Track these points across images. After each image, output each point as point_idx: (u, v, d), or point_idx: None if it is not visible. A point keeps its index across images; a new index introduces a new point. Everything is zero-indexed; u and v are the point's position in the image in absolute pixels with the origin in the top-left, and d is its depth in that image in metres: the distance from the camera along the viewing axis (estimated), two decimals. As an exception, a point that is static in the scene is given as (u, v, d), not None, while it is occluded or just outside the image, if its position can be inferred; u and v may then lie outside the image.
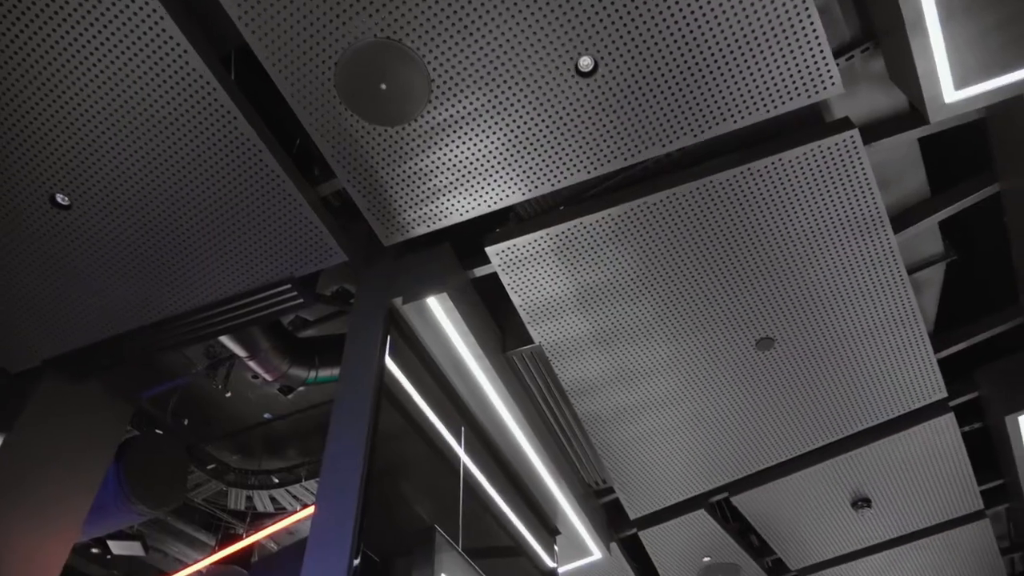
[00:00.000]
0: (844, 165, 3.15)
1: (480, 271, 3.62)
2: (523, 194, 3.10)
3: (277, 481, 6.26)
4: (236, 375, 5.00)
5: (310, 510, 5.57)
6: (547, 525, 4.68)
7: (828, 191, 3.23)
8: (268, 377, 4.46)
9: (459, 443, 3.65)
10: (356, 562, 2.47)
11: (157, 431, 5.14)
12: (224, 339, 4.10)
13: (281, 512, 6.47)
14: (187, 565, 6.52)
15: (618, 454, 4.54)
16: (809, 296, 3.66)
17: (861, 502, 5.11)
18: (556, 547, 4.75)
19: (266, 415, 5.63)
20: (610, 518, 5.34)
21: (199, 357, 4.84)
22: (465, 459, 3.67)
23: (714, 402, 4.23)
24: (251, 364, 4.31)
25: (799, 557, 5.82)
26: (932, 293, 4.14)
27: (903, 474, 4.90)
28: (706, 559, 5.74)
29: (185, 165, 2.93)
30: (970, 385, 4.55)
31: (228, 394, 5.09)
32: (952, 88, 2.75)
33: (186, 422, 5.45)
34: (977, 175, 3.58)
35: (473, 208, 3.15)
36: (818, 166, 3.14)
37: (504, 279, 3.52)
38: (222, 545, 6.27)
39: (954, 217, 3.66)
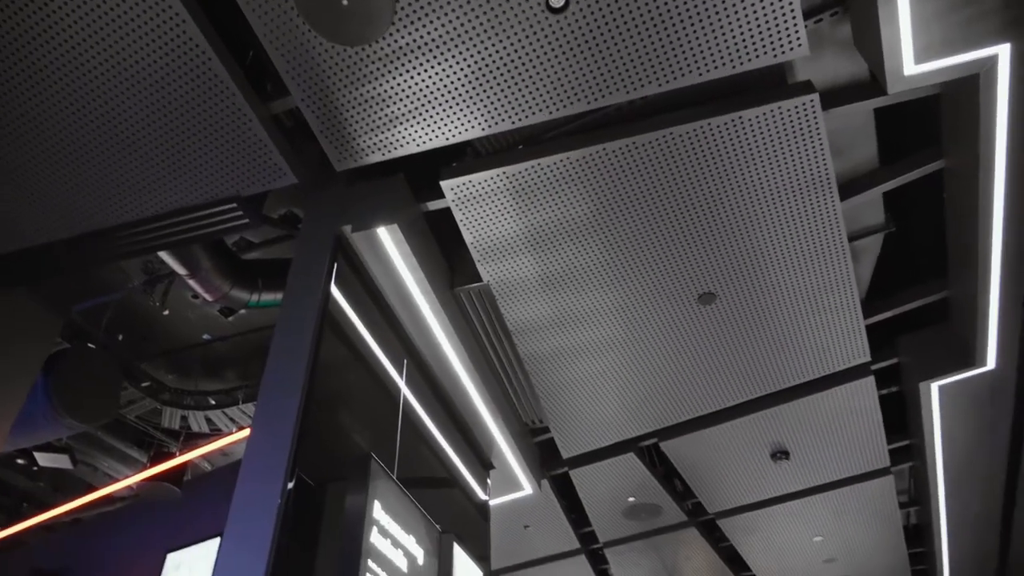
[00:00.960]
0: (801, 129, 3.19)
1: (433, 205, 3.57)
2: (483, 129, 3.04)
3: (214, 403, 6.19)
4: (176, 294, 4.87)
5: (246, 432, 5.55)
6: (482, 459, 4.80)
7: (783, 153, 3.28)
8: (208, 297, 4.35)
9: (401, 376, 3.67)
10: (290, 486, 2.49)
11: (89, 345, 4.98)
12: (164, 255, 3.96)
13: (217, 433, 6.43)
14: (117, 480, 6.46)
15: (556, 395, 4.65)
16: (753, 255, 3.76)
17: (780, 454, 5.40)
18: (489, 481, 4.89)
19: (205, 336, 5.52)
20: (543, 456, 5.52)
21: (137, 272, 4.68)
22: (406, 391, 3.70)
23: (653, 351, 4.35)
24: (191, 283, 4.19)
25: (718, 502, 6.14)
26: (868, 261, 4.30)
27: (821, 430, 5.19)
28: (631, 499, 6.01)
29: (130, 67, 2.76)
30: (892, 351, 4.79)
31: (166, 312, 4.96)
32: (912, 61, 2.79)
33: (120, 338, 5.30)
34: (924, 150, 3.68)
35: (430, 139, 3.08)
36: (776, 127, 3.17)
37: (457, 215, 3.49)
38: (154, 463, 6.21)
39: (898, 189, 3.78)
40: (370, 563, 2.47)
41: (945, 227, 3.94)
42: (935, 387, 4.51)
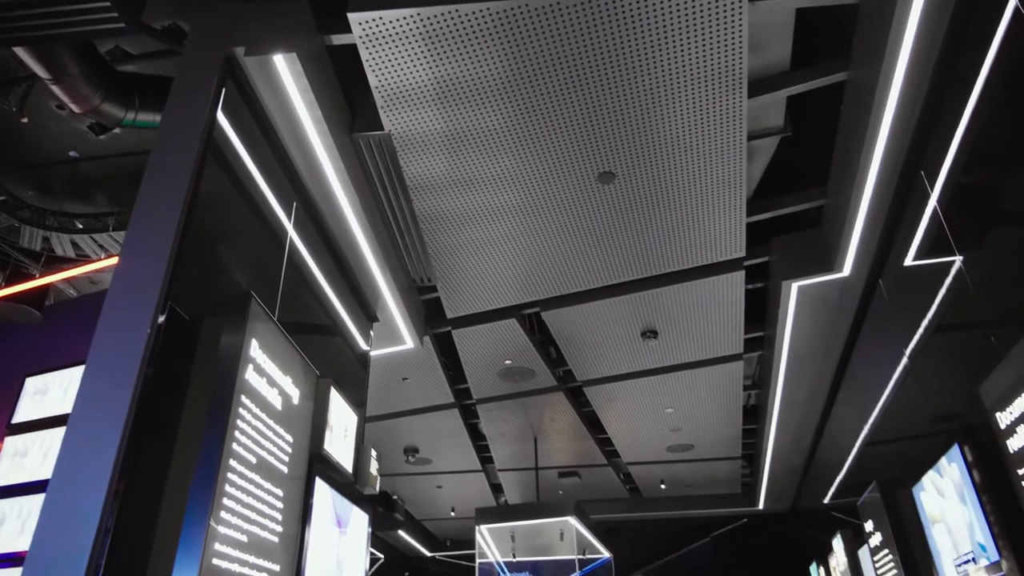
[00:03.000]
0: (726, 18, 3.15)
1: (338, 39, 3.31)
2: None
3: (81, 227, 5.77)
4: (38, 102, 4.35)
5: (115, 260, 5.25)
6: (366, 311, 4.82)
7: (703, 40, 3.25)
8: (76, 108, 3.90)
9: (288, 218, 3.54)
10: (162, 318, 2.40)
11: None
12: (21, 53, 3.48)
13: (84, 259, 6.05)
14: (-34, 296, 5.99)
15: (447, 256, 4.68)
16: (657, 140, 3.81)
17: (650, 333, 5.79)
18: (372, 332, 4.95)
19: (72, 153, 5.02)
20: (427, 313, 5.62)
21: (-12, 69, 4.11)
22: (293, 235, 3.58)
23: (548, 223, 4.42)
24: (55, 89, 3.73)
25: (587, 371, 6.59)
26: (761, 162, 4.48)
27: (690, 315, 5.58)
28: (507, 362, 6.32)
29: None
30: (765, 250, 5.12)
31: (24, 119, 4.44)
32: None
33: (-33, 141, 4.73)
34: (833, 60, 3.76)
35: (341, -37, 2.80)
36: (702, 12, 3.12)
37: (364, 54, 3.26)
38: (10, 283, 5.79)
39: (801, 95, 3.88)
40: (243, 399, 2.48)
41: (835, 138, 4.13)
42: (795, 287, 4.91)
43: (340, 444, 3.60)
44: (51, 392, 3.84)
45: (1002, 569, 2.84)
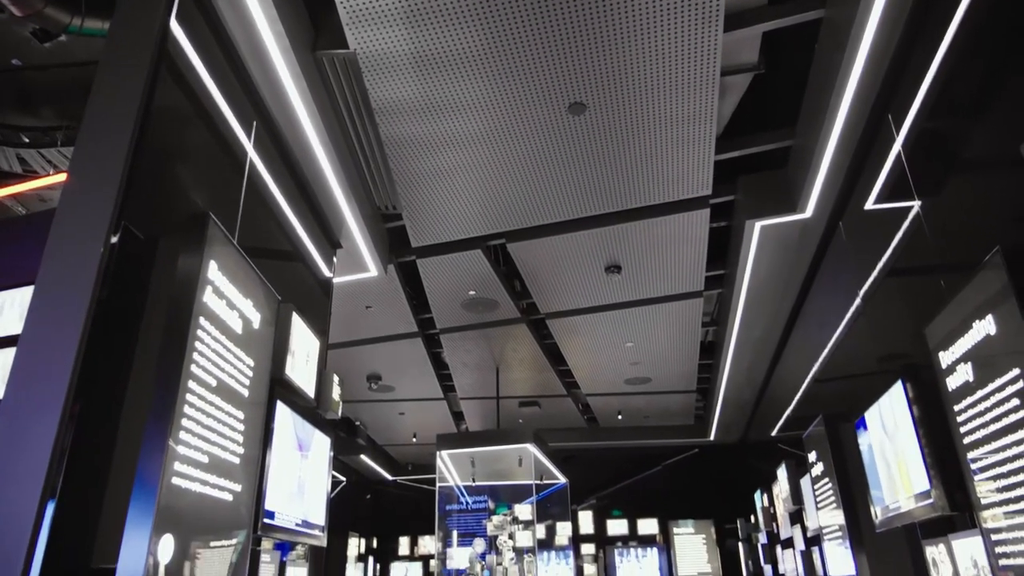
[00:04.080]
0: (704, -56, 3.06)
1: (301, -52, 3.13)
2: None
3: (27, 140, 5.48)
4: (-29, 0, 4.03)
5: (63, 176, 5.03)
6: (329, 237, 4.75)
7: (681, -32, 3.16)
8: (16, 11, 3.65)
9: (248, 137, 3.41)
10: (115, 239, 2.33)
11: None
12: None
13: (32, 175, 5.78)
14: (-96, 210, 5.70)
15: (413, 183, 4.60)
16: (630, 72, 3.74)
17: (613, 268, 5.85)
18: (335, 259, 4.89)
19: (15, 61, 4.72)
20: (392, 242, 5.57)
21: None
22: (253, 155, 3.47)
23: (517, 153, 4.36)
24: (-9, -12, 3.48)
25: (550, 304, 6.65)
26: (732, 99, 4.45)
27: (654, 252, 5.63)
28: (471, 293, 6.34)
29: None
30: (731, 189, 5.15)
31: (-42, 20, 4.14)
32: None
33: None
34: (811, -5, 3.70)
35: None
36: (681, -63, 3.02)
37: (327, -35, 3.09)
38: (-48, 197, 5.52)
39: (775, 31, 3.83)
40: (202, 321, 2.44)
41: (807, 79, 4.11)
42: (758, 226, 4.98)
43: (302, 369, 3.61)
44: (4, 312, 3.74)
45: (931, 497, 3.03)
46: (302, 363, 3.61)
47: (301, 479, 3.51)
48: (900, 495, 3.45)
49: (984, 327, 2.41)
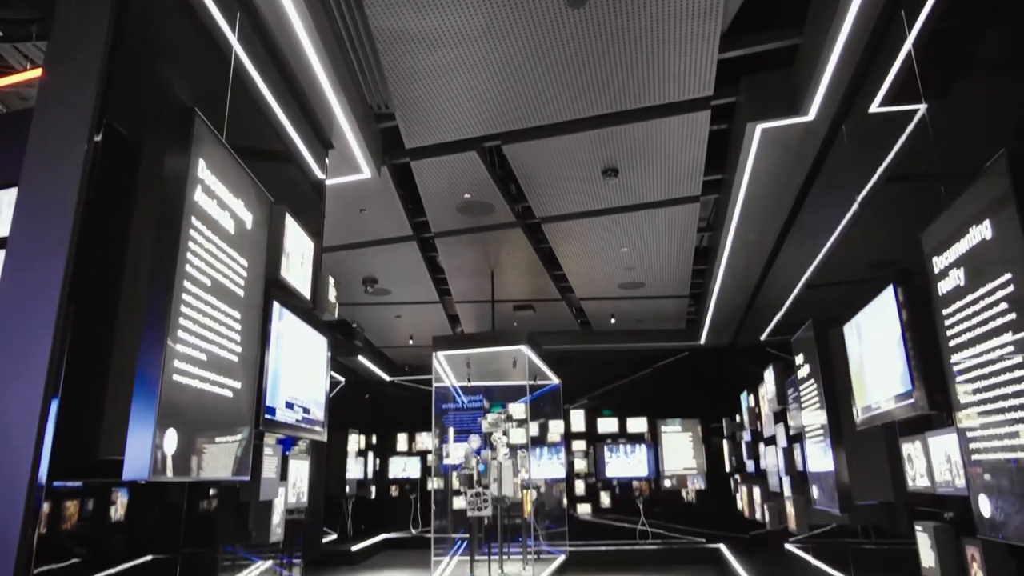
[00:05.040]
0: None
1: None
2: None
3: (1, 35, 5.23)
4: None
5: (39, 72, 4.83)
6: (321, 137, 4.64)
7: None
8: None
9: (232, 30, 3.26)
10: (98, 137, 2.26)
11: None
12: None
13: (8, 70, 5.55)
14: None
15: (407, 81, 4.45)
16: (633, -38, 3.54)
17: (611, 171, 5.76)
18: (327, 160, 4.79)
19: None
20: (385, 143, 5.44)
21: None
22: (238, 48, 3.32)
23: (513, 48, 4.19)
24: None
25: (546, 208, 6.60)
26: (740, -7, 4.23)
27: (652, 155, 5.54)
28: (466, 196, 6.27)
29: None
30: (733, 90, 5.00)
31: None
32: None
33: None
34: None
35: None
36: None
37: None
38: (-73, 92, 5.32)
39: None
40: (194, 220, 2.41)
41: (819, -30, 3.90)
42: (759, 128, 4.86)
43: (297, 271, 3.61)
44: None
45: (912, 398, 3.12)
46: (297, 265, 3.61)
47: (299, 379, 3.58)
48: (882, 396, 3.56)
49: (981, 232, 2.40)
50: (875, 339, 3.67)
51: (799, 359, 5.60)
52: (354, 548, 11.35)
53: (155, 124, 2.60)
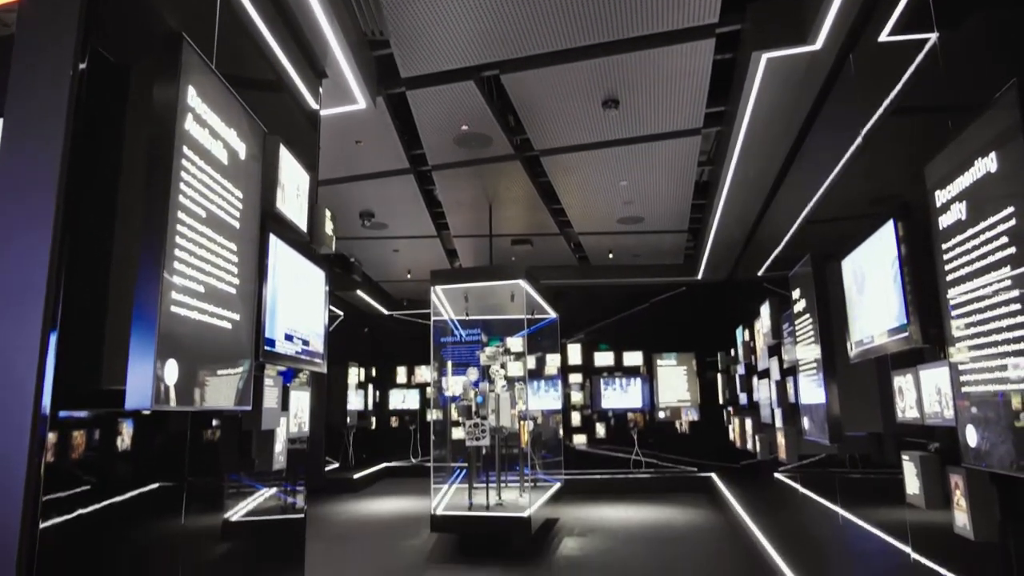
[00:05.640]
0: None
1: None
2: None
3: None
4: None
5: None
6: (314, 66, 4.50)
7: None
8: None
9: (219, -51, 3.11)
10: (83, 65, 2.18)
11: None
12: None
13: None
14: None
15: (401, 5, 4.29)
16: None
17: (611, 102, 5.64)
18: (321, 90, 4.67)
19: None
20: (380, 72, 5.30)
21: None
22: (225, -30, 3.18)
23: (511, -26, 4.03)
24: None
25: (545, 140, 6.49)
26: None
27: (653, 85, 5.41)
28: (464, 127, 6.15)
29: None
30: (739, 17, 4.83)
31: None
32: None
33: None
34: None
35: None
36: None
37: None
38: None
39: None
40: (186, 150, 2.37)
41: None
42: (764, 58, 4.72)
43: (293, 204, 3.58)
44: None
45: (907, 332, 3.15)
46: (292, 197, 3.57)
47: (298, 312, 3.60)
48: (877, 330, 3.59)
49: (986, 164, 2.37)
50: (872, 274, 3.67)
51: (796, 294, 5.63)
52: (356, 476, 11.69)
53: (143, 51, 2.51)
